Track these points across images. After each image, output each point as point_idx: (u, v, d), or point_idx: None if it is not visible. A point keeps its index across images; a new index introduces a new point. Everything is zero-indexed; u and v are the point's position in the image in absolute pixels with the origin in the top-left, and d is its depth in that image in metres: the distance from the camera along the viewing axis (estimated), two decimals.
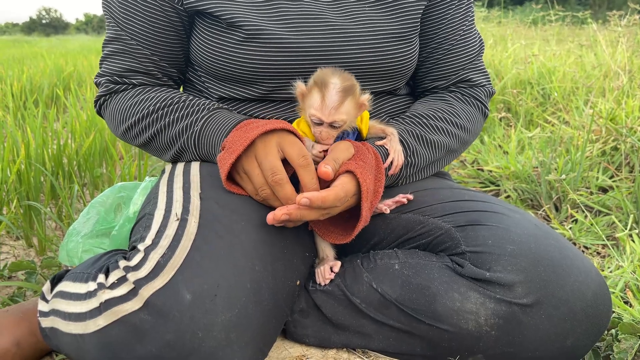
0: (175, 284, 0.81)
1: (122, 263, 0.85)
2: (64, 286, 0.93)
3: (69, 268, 1.21)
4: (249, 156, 0.95)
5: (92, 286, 0.86)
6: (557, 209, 1.88)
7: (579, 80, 3.01)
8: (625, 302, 1.23)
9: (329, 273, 1.04)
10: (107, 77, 1.15)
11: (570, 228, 1.66)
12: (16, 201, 1.65)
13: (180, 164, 1.10)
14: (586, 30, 5.12)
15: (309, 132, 1.00)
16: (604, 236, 1.58)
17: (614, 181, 1.96)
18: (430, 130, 1.13)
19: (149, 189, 1.19)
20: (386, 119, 1.17)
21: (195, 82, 1.20)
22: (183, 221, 0.90)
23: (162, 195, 0.99)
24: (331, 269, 1.05)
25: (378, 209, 1.07)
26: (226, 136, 1.01)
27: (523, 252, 0.94)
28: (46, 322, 0.94)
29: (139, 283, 0.81)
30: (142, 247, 0.86)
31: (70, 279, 0.94)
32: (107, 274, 0.86)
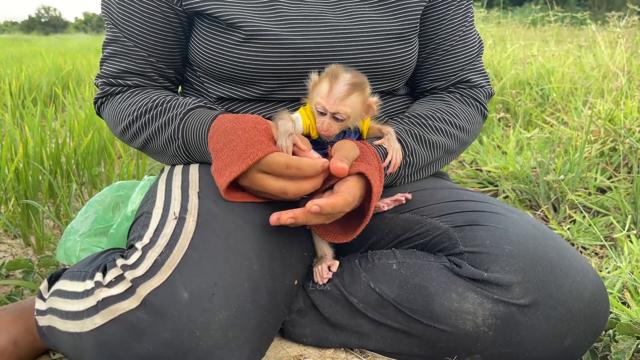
0: (172, 283, 0.81)
1: (120, 261, 0.85)
2: (62, 285, 0.93)
3: (67, 267, 1.21)
4: (247, 183, 0.94)
5: (90, 284, 0.86)
6: (556, 210, 1.88)
7: (578, 81, 3.01)
8: (622, 303, 1.23)
9: (327, 272, 1.04)
10: (104, 79, 1.15)
11: (568, 228, 1.66)
12: (14, 200, 1.65)
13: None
14: (585, 31, 5.12)
15: (312, 123, 1.00)
16: (602, 237, 1.58)
17: (612, 182, 1.97)
18: (429, 130, 1.13)
19: (148, 188, 1.19)
20: (385, 119, 1.17)
21: (193, 82, 1.20)
22: (181, 220, 0.89)
23: (161, 193, 0.99)
24: (329, 269, 1.05)
25: (377, 207, 1.07)
26: (209, 126, 0.99)
27: (521, 253, 0.94)
28: (43, 321, 0.94)
29: (137, 281, 0.81)
30: (140, 246, 0.86)
31: (67, 278, 0.94)
32: (105, 273, 0.86)
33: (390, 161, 1.04)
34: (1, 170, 1.67)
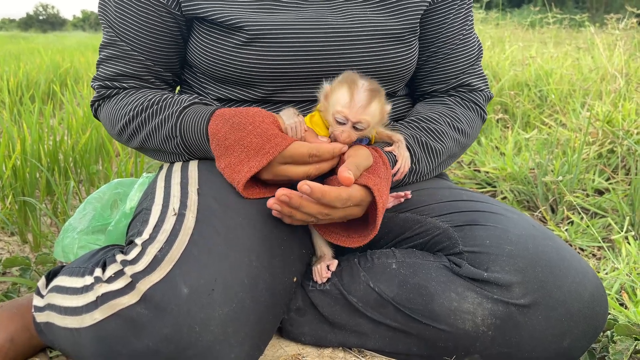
0: (172, 278, 0.80)
1: (119, 257, 0.85)
2: (60, 281, 0.93)
3: (64, 264, 1.20)
4: (270, 176, 0.96)
5: (89, 280, 0.86)
6: (554, 211, 1.89)
7: (576, 82, 3.02)
8: (620, 304, 1.24)
9: (326, 272, 1.04)
10: (100, 82, 1.15)
11: (566, 230, 1.66)
12: (11, 197, 1.64)
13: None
14: (584, 33, 5.14)
15: (322, 130, 0.98)
16: (600, 238, 1.58)
17: (610, 183, 1.97)
18: (434, 136, 1.12)
19: (146, 186, 1.19)
20: (389, 122, 1.17)
21: (192, 84, 1.20)
22: (181, 216, 0.89)
23: (160, 190, 0.98)
24: (328, 268, 1.04)
25: None
26: (208, 120, 0.99)
27: (521, 253, 0.94)
28: (41, 317, 0.93)
29: (136, 277, 0.81)
30: (140, 242, 0.86)
31: (66, 274, 0.93)
32: (104, 268, 0.86)
33: (398, 169, 1.04)
34: None
